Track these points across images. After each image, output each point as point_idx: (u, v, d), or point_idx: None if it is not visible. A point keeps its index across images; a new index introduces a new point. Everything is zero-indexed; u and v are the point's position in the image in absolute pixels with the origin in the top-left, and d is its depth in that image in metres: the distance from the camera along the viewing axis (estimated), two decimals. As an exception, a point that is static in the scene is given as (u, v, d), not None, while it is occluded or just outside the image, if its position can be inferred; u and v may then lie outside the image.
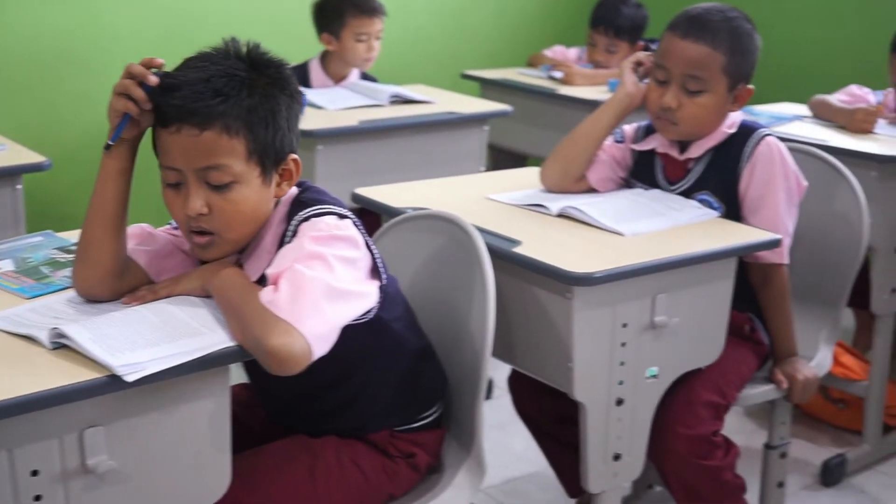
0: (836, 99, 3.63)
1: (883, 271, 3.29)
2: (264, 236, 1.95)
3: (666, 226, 2.41)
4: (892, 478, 3.39)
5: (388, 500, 2.10)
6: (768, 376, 2.64)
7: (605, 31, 4.40)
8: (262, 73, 1.89)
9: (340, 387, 2.05)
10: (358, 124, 3.49)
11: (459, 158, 3.70)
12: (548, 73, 4.44)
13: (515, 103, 4.04)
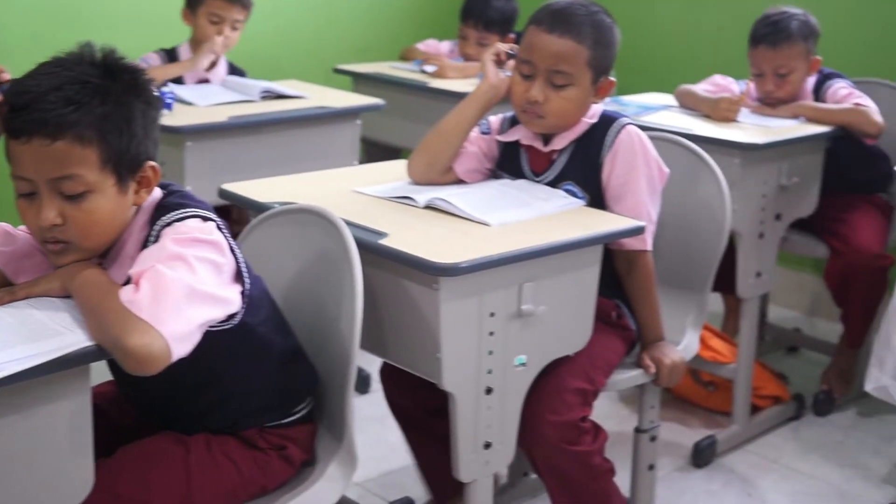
0: (700, 89, 3.70)
1: (747, 256, 3.37)
2: (126, 242, 1.93)
3: (532, 215, 2.43)
4: (760, 457, 3.47)
5: (261, 492, 2.10)
6: (636, 361, 2.68)
7: (476, 25, 4.43)
8: (116, 79, 1.87)
9: (208, 390, 2.05)
10: (228, 120, 3.46)
11: (332, 153, 3.69)
12: (420, 67, 4.46)
13: (388, 97, 4.04)
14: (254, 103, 3.71)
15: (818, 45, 3.66)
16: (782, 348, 4.28)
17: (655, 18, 4.96)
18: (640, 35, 4.96)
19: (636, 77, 4.73)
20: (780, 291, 4.34)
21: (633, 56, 4.89)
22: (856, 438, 3.60)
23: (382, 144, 4.37)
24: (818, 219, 3.63)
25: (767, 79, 3.60)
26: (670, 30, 4.91)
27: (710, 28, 4.74)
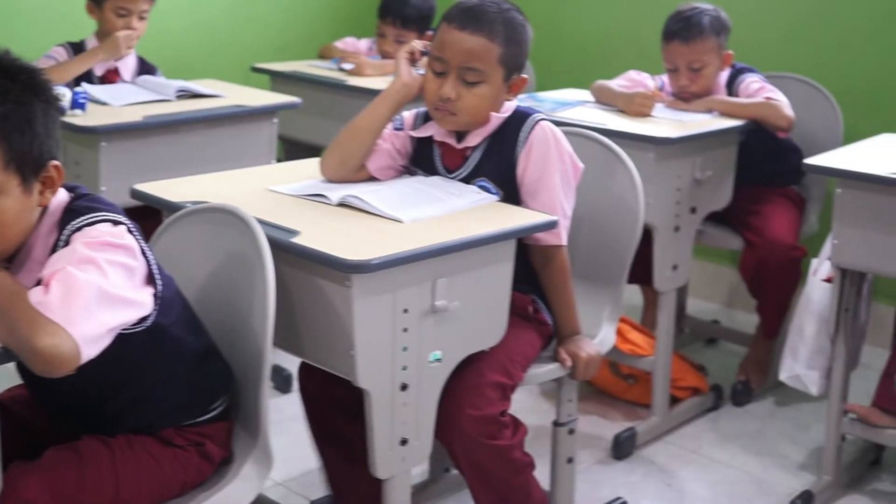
0: (616, 84, 3.74)
1: (663, 249, 3.41)
2: (33, 247, 1.92)
3: (445, 211, 2.44)
4: (679, 448, 3.51)
5: (182, 488, 2.10)
6: (553, 356, 2.69)
7: (393, 22, 4.43)
8: (14, 79, 1.86)
9: (121, 392, 2.05)
10: (143, 120, 3.43)
11: (250, 152, 3.67)
12: (338, 65, 4.45)
13: (306, 95, 4.03)
14: (169, 103, 3.68)
15: (730, 40, 3.71)
16: (701, 340, 4.33)
17: (572, 15, 5.00)
18: (557, 31, 5.00)
19: (554, 73, 4.77)
20: (699, 284, 4.39)
21: (551, 52, 4.93)
22: (773, 427, 3.65)
23: (301, 143, 4.36)
24: (733, 212, 3.68)
25: (681, 73, 3.64)
26: (587, 26, 4.95)
27: (626, 24, 4.78)
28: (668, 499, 3.23)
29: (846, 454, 3.31)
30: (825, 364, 3.19)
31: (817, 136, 3.83)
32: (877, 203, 2.89)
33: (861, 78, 4.15)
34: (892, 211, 2.87)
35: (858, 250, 2.96)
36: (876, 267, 3.01)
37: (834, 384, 3.15)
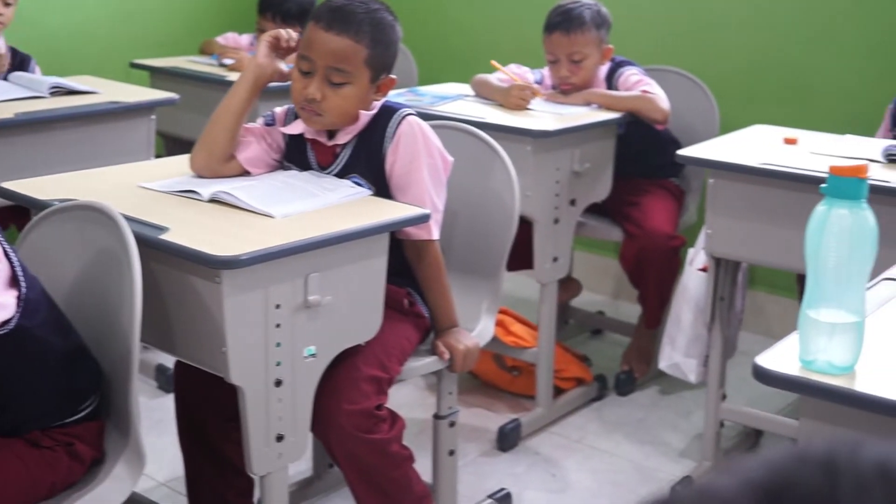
0: (495, 78, 3.75)
1: (543, 242, 3.43)
2: None
3: (317, 206, 2.43)
4: (564, 438, 3.54)
5: (51, 490, 2.06)
6: (431, 348, 2.70)
7: (273, 18, 4.40)
8: None
9: None
10: (14, 117, 3.36)
11: (127, 149, 3.61)
12: (218, 61, 4.41)
13: (186, 91, 3.99)
14: (43, 99, 3.60)
15: (611, 34, 3.75)
16: (587, 331, 4.37)
17: (456, 9, 5.00)
18: (440, 25, 5.01)
19: (437, 67, 4.77)
20: (585, 275, 4.42)
21: (434, 47, 4.94)
22: (656, 416, 3.70)
23: (182, 139, 4.30)
24: (614, 203, 3.72)
25: (562, 64, 3.67)
26: (471, 21, 4.96)
27: (509, 18, 4.80)
28: (552, 489, 3.25)
29: (726, 440, 3.36)
30: (702, 352, 3.24)
31: (695, 128, 3.88)
32: (748, 193, 2.94)
33: (736, 70, 4.22)
34: (763, 200, 2.92)
35: (731, 240, 3.01)
36: (749, 256, 3.07)
37: (711, 371, 3.20)
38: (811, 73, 4.08)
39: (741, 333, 3.53)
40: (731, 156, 3.02)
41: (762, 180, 2.88)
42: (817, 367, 1.64)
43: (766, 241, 2.95)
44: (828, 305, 1.63)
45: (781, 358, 1.69)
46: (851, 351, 1.64)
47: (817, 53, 4.06)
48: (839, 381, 1.62)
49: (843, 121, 3.73)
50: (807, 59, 4.08)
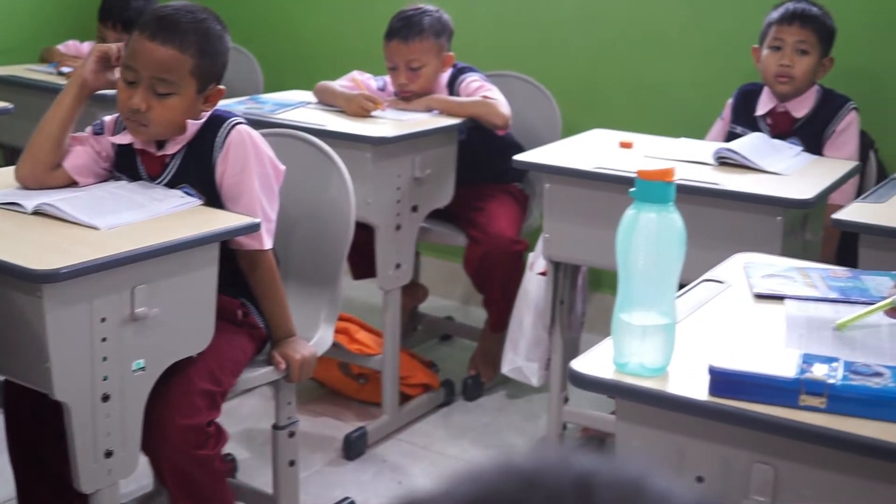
0: (338, 85, 3.74)
1: (385, 249, 3.43)
2: None
3: (145, 217, 2.39)
4: (411, 445, 3.54)
5: None
6: (268, 359, 2.67)
7: (114, 26, 4.31)
8: None
9: None
10: None
11: (-41, 160, 3.52)
12: (56, 69, 4.32)
13: (23, 100, 3.89)
14: None
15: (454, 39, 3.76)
16: (436, 337, 4.38)
17: (302, 15, 4.97)
18: (286, 32, 4.97)
19: (283, 74, 4.73)
20: (434, 281, 4.43)
21: (279, 53, 4.91)
22: (503, 420, 3.72)
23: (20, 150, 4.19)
24: (458, 209, 3.73)
25: (400, 72, 3.67)
26: (318, 26, 4.93)
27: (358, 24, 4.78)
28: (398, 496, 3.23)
29: (572, 442, 3.39)
30: (544, 355, 3.27)
31: (538, 133, 3.91)
32: (583, 197, 2.98)
33: (578, 75, 4.28)
34: (597, 204, 2.95)
35: (569, 243, 3.04)
36: (586, 259, 3.10)
37: (553, 375, 3.23)
38: (650, 76, 4.15)
39: (587, 336, 3.55)
40: (566, 160, 3.05)
41: (596, 184, 2.92)
42: (630, 370, 1.66)
43: (602, 244, 2.95)
44: (639, 308, 1.65)
45: (596, 361, 1.71)
46: (663, 353, 1.66)
47: (655, 57, 4.13)
48: (651, 382, 1.65)
49: (681, 123, 3.81)
50: (646, 62, 4.15)
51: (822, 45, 3.40)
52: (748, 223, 2.81)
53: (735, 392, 1.59)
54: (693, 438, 1.67)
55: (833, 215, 2.60)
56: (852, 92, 3.53)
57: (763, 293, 2.03)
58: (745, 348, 1.72)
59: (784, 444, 1.59)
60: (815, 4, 3.43)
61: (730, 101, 3.59)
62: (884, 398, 1.54)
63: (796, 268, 2.18)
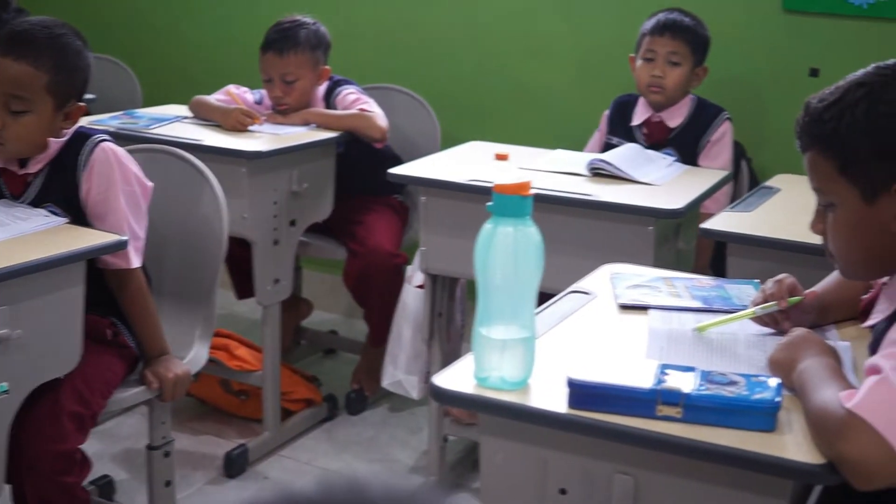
0: (214, 99, 3.70)
1: (263, 264, 3.40)
2: None
3: (7, 236, 2.34)
4: (294, 461, 3.51)
5: None
6: (140, 378, 2.63)
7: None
8: None
9: None
10: None
11: None
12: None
13: None
14: None
15: (332, 52, 3.75)
16: (320, 351, 4.35)
17: (182, 28, 4.92)
18: (165, 45, 4.91)
19: (163, 89, 4.67)
20: (317, 295, 4.40)
21: (159, 67, 4.85)
22: (387, 433, 3.70)
23: None
24: (337, 222, 3.71)
25: (276, 85, 3.64)
26: (198, 40, 4.88)
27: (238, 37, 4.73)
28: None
29: (453, 454, 3.39)
30: (424, 368, 3.27)
31: (418, 145, 3.91)
32: (458, 209, 2.98)
33: (457, 87, 4.28)
34: (472, 216, 2.93)
35: (445, 256, 3.04)
36: (463, 271, 3.10)
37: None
38: (530, 88, 4.17)
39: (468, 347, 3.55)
40: (441, 173, 3.05)
41: (470, 196, 2.92)
42: (490, 384, 1.66)
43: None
44: (499, 322, 1.66)
45: (458, 376, 1.71)
46: (523, 366, 1.67)
47: (535, 69, 4.16)
48: (512, 396, 1.65)
49: (561, 134, 3.85)
50: (525, 74, 4.18)
51: (694, 55, 3.45)
52: (621, 233, 2.83)
53: (594, 404, 1.60)
54: (555, 451, 1.68)
55: (701, 225, 2.64)
56: (726, 101, 3.60)
57: (627, 304, 2.05)
58: (605, 360, 1.73)
59: (643, 454, 1.60)
60: (689, 15, 3.48)
61: (606, 113, 3.63)
62: (737, 406, 1.56)
63: (662, 278, 2.20)
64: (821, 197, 1.77)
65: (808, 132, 1.75)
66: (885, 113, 1.66)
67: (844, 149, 1.68)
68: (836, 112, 1.69)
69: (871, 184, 1.67)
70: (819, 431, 1.52)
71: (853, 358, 1.81)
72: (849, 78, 1.72)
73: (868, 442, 1.45)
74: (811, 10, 3.68)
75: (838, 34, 3.65)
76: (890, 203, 1.67)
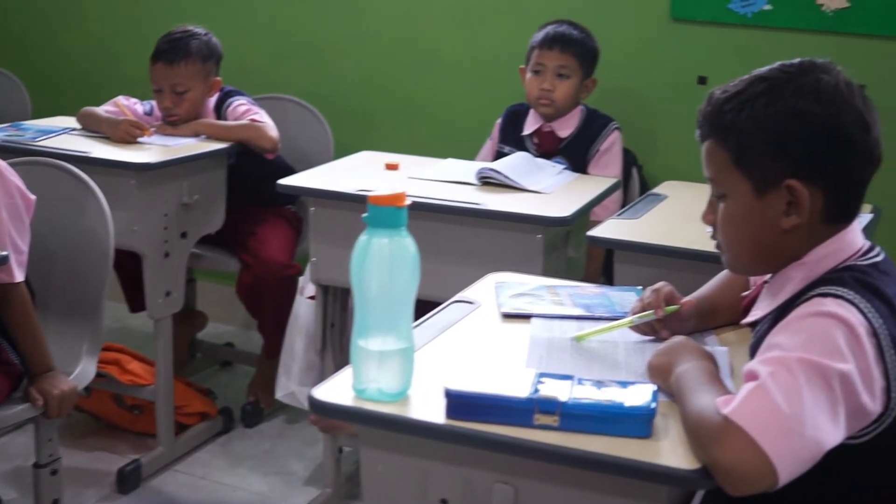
0: (103, 110, 3.65)
1: (154, 276, 3.36)
2: None
3: None
4: (188, 475, 3.47)
5: None
6: (25, 396, 2.59)
7: None
8: None
9: None
10: None
11: None
12: None
13: None
14: None
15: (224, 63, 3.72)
16: (217, 364, 4.31)
17: (72, 39, 4.85)
18: (55, 57, 4.85)
19: (53, 100, 4.60)
20: (213, 307, 4.36)
21: (49, 79, 4.78)
22: (283, 446, 3.68)
23: None
24: (230, 233, 3.68)
25: (165, 95, 3.61)
26: (89, 51, 4.81)
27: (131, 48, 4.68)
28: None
29: (348, 465, 3.38)
30: (316, 379, 3.24)
31: (311, 156, 3.89)
32: (347, 220, 2.95)
33: (349, 97, 4.28)
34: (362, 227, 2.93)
35: (336, 267, 3.02)
36: (354, 282, 3.09)
37: (326, 398, 3.20)
38: (423, 97, 4.18)
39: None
40: (330, 183, 3.05)
41: (358, 207, 2.87)
42: (369, 395, 1.66)
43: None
44: (376, 333, 1.65)
45: (338, 388, 1.70)
46: (401, 377, 1.66)
47: (428, 78, 4.16)
48: (390, 408, 1.65)
49: (453, 143, 3.86)
50: (418, 84, 4.18)
51: (583, 67, 3.48)
52: (510, 242, 2.85)
53: (472, 414, 1.60)
54: (435, 461, 1.67)
55: (588, 232, 2.66)
56: (617, 110, 3.63)
57: (510, 312, 2.06)
58: (484, 369, 1.73)
59: (522, 464, 1.61)
60: (577, 27, 3.51)
61: (498, 122, 3.65)
62: (613, 414, 1.57)
63: (546, 286, 2.22)
64: (714, 187, 1.78)
65: (707, 121, 1.77)
66: (783, 110, 1.67)
67: (741, 141, 1.70)
68: (737, 104, 1.71)
69: (763, 178, 1.69)
70: (695, 436, 1.54)
71: (730, 363, 1.84)
72: (753, 72, 1.74)
73: (742, 448, 1.47)
74: (698, 19, 3.73)
75: (724, 43, 3.71)
76: (779, 199, 1.69)
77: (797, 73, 1.72)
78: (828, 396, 1.52)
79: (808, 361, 1.52)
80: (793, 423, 1.49)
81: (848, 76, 1.74)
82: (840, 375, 1.53)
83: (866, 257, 1.73)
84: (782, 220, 1.70)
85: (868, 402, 1.56)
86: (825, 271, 1.71)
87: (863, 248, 1.75)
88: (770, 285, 1.80)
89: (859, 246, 1.75)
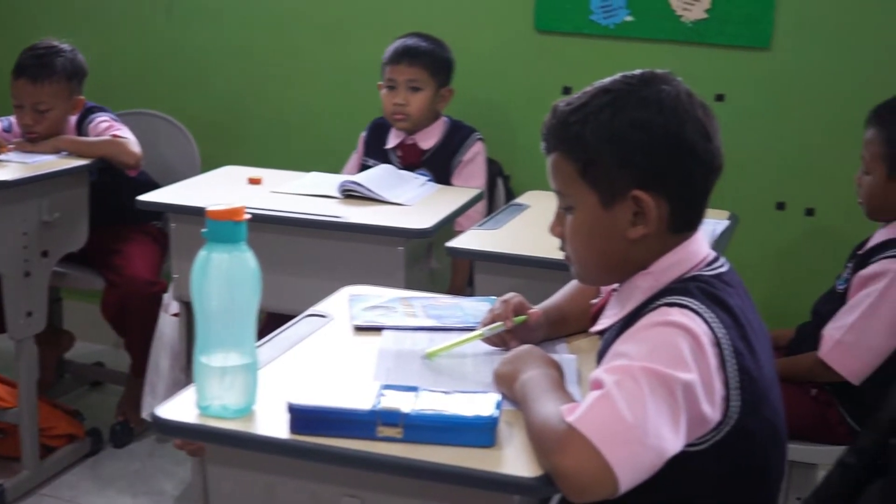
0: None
1: (15, 297, 3.31)
2: None
3: None
4: (55, 499, 3.41)
5: None
6: None
7: None
8: None
9: None
10: None
11: None
12: None
13: None
14: None
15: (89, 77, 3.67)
16: (86, 384, 4.24)
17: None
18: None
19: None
20: (82, 326, 4.29)
21: None
22: (153, 465, 3.64)
23: None
24: (95, 252, 3.63)
25: (26, 112, 3.55)
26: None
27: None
28: None
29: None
30: (182, 398, 3.21)
31: (176, 171, 3.85)
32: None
33: (215, 111, 4.26)
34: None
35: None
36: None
37: (194, 416, 3.17)
38: (289, 111, 4.18)
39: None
40: (190, 198, 3.02)
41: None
42: (213, 412, 1.65)
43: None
44: (218, 350, 1.64)
45: (182, 406, 1.68)
46: (245, 393, 1.65)
47: (294, 92, 4.17)
48: (235, 424, 1.63)
49: (320, 157, 3.86)
50: (284, 98, 4.19)
51: (435, 78, 3.50)
52: (371, 255, 2.85)
53: (315, 428, 1.59)
54: (281, 477, 1.67)
55: (447, 243, 2.67)
56: (482, 121, 3.66)
57: (362, 325, 2.06)
58: (330, 383, 1.72)
59: (368, 477, 1.61)
60: (427, 38, 3.53)
61: (363, 135, 3.65)
62: (455, 424, 1.57)
63: (400, 298, 2.22)
64: (561, 200, 1.79)
65: (553, 134, 1.77)
66: (627, 121, 1.69)
67: (586, 153, 1.71)
68: (581, 116, 1.71)
69: (609, 189, 1.71)
70: (538, 443, 1.55)
71: (578, 370, 1.86)
72: (596, 84, 1.75)
73: (584, 456, 1.48)
74: (561, 31, 3.78)
75: (588, 53, 3.76)
76: (626, 210, 1.70)
77: (639, 85, 1.74)
78: (670, 406, 1.54)
79: (652, 371, 1.54)
80: (636, 432, 1.50)
81: (688, 87, 1.77)
82: (683, 385, 1.55)
83: (711, 267, 1.76)
84: (629, 231, 1.72)
85: (708, 411, 1.59)
86: (671, 280, 1.73)
87: (707, 258, 1.77)
88: (618, 294, 1.82)
89: (704, 255, 1.77)
